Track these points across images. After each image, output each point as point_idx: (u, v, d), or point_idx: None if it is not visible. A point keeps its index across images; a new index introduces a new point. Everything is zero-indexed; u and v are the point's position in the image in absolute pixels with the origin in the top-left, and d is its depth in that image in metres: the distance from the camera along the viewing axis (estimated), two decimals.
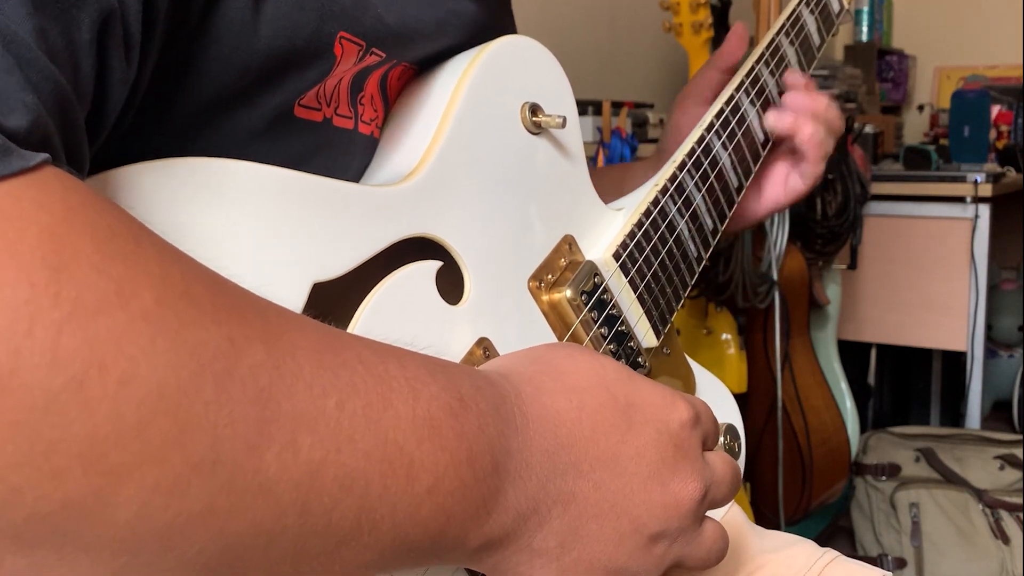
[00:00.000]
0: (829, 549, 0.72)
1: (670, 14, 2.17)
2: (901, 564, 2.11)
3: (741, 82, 0.79)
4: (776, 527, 1.64)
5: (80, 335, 0.29)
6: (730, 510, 0.72)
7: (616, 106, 2.01)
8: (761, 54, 0.81)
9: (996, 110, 2.92)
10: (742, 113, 0.78)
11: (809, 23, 0.87)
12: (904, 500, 2.13)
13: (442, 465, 0.39)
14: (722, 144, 0.76)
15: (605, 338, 0.63)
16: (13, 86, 0.32)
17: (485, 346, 0.54)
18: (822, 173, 0.82)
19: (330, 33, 0.49)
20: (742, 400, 2.03)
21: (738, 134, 0.77)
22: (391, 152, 0.57)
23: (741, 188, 0.77)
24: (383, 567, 0.39)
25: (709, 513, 0.50)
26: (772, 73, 0.82)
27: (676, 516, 0.47)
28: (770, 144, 0.81)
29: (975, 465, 2.14)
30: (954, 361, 2.70)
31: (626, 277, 0.65)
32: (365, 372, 0.38)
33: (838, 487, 2.21)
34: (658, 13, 2.24)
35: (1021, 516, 2.03)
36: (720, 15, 2.36)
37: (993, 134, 2.80)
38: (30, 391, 0.29)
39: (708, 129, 0.75)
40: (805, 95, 0.82)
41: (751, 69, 0.80)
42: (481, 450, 0.40)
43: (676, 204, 0.70)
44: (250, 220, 0.45)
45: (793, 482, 2.09)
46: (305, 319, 0.38)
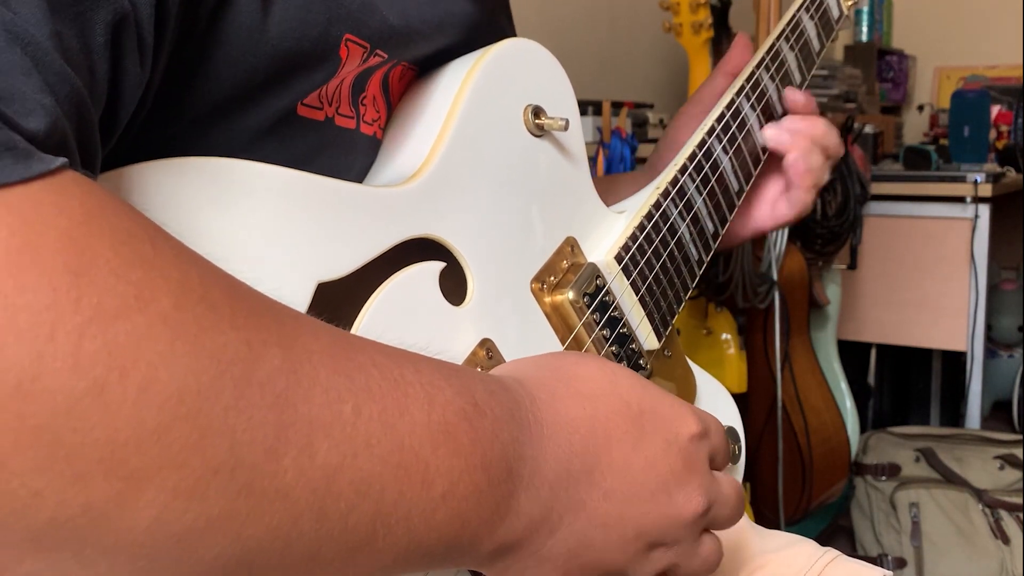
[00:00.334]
0: (830, 549, 0.72)
1: (670, 14, 2.17)
2: (901, 564, 2.11)
3: (742, 87, 0.79)
4: (776, 527, 1.64)
5: (100, 340, 0.29)
6: None
7: (616, 106, 2.01)
8: (761, 59, 0.81)
9: (996, 110, 2.92)
10: (743, 117, 0.78)
11: (809, 28, 0.87)
12: (904, 500, 2.13)
13: (457, 471, 0.38)
14: (723, 148, 0.76)
15: (607, 340, 0.63)
16: (32, 88, 0.32)
17: (488, 347, 0.54)
18: (811, 202, 0.81)
19: (336, 36, 0.50)
20: (742, 400, 2.03)
21: (739, 138, 0.77)
22: (394, 153, 0.58)
23: (741, 192, 0.77)
24: (396, 571, 0.39)
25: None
26: (772, 78, 0.82)
27: (678, 527, 0.47)
28: (767, 154, 0.81)
29: (975, 465, 2.15)
30: (954, 361, 2.70)
31: (628, 279, 0.65)
32: (380, 377, 0.37)
33: (838, 487, 2.21)
34: (658, 13, 2.24)
35: (1021, 516, 2.03)
36: (720, 15, 2.36)
37: (993, 134, 2.80)
38: (52, 396, 0.29)
39: (709, 133, 0.75)
40: (802, 120, 0.81)
41: (751, 74, 0.80)
42: (496, 456, 0.40)
43: (677, 207, 0.70)
44: (256, 220, 0.45)
45: (793, 482, 2.09)
46: (318, 323, 0.38)
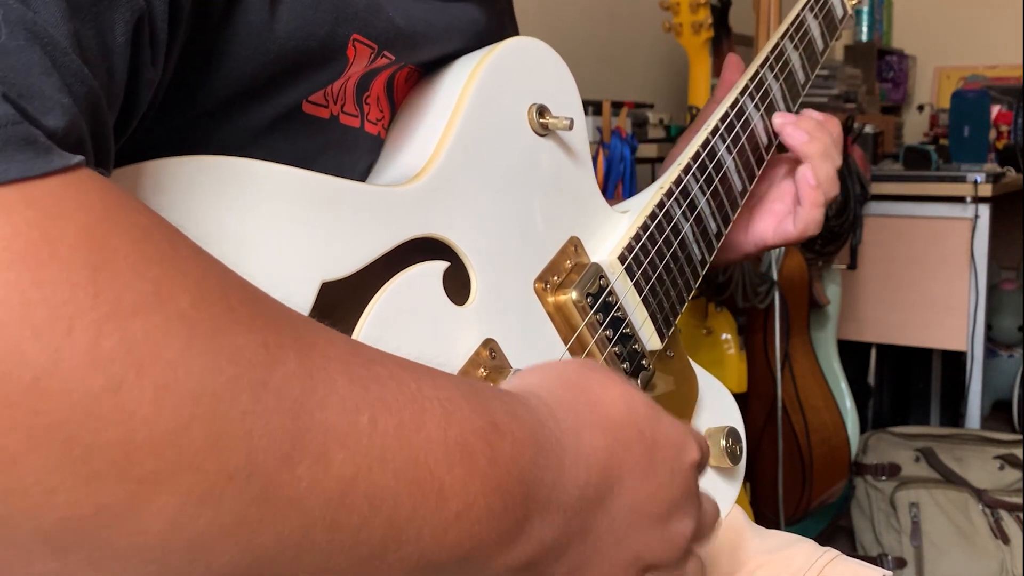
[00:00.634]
0: (830, 548, 0.72)
1: (670, 14, 2.17)
2: (901, 564, 2.11)
3: (745, 86, 0.79)
4: (776, 527, 1.64)
5: (118, 336, 0.29)
6: (731, 511, 0.72)
7: (616, 106, 2.01)
8: (765, 58, 0.81)
9: (996, 110, 2.92)
10: (746, 117, 0.78)
11: (813, 27, 0.87)
12: (904, 500, 2.14)
13: (472, 491, 0.38)
14: (726, 148, 0.75)
15: (610, 340, 0.63)
16: (51, 87, 0.32)
17: (491, 347, 0.54)
18: (819, 220, 0.78)
19: (344, 36, 0.50)
20: (742, 400, 2.03)
21: (742, 138, 0.77)
22: (398, 152, 0.58)
23: (745, 192, 0.77)
24: None
25: None
26: (776, 77, 0.82)
27: (670, 552, 0.48)
28: (773, 148, 0.81)
29: (975, 465, 2.15)
30: (954, 361, 2.70)
31: (631, 279, 0.65)
32: (397, 389, 0.37)
33: (838, 487, 2.21)
34: (658, 13, 2.25)
35: (1021, 516, 2.03)
36: (720, 15, 2.36)
37: (993, 134, 2.80)
38: (69, 393, 0.28)
39: (713, 133, 0.74)
40: (821, 119, 0.79)
41: (755, 73, 0.80)
42: (513, 479, 0.40)
43: (681, 207, 0.70)
44: (260, 218, 0.45)
45: (793, 482, 2.09)
46: (333, 332, 0.38)
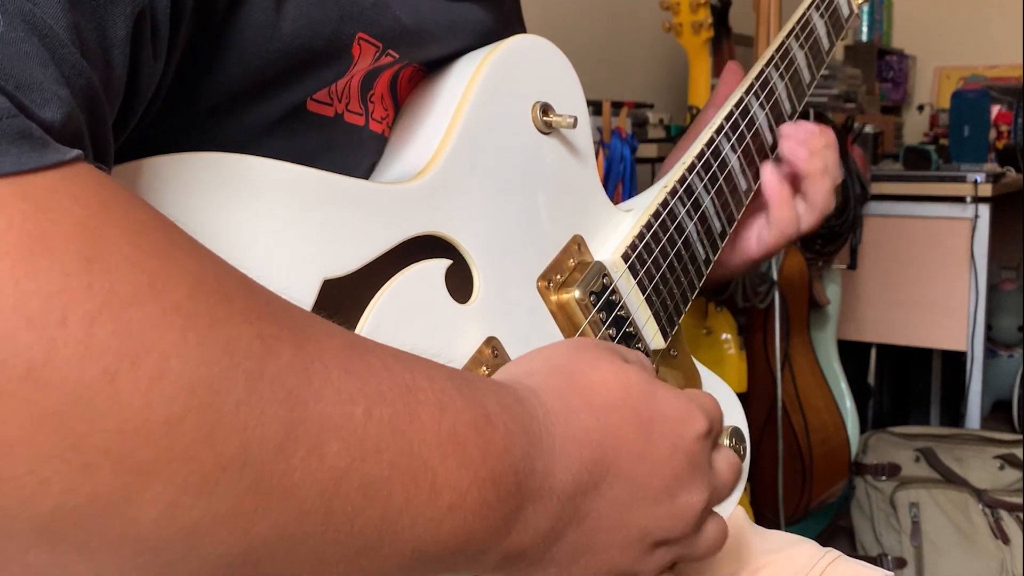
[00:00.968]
0: (831, 549, 0.72)
1: (670, 14, 2.17)
2: (901, 564, 2.11)
3: (751, 84, 0.78)
4: (776, 527, 1.64)
5: (112, 326, 0.29)
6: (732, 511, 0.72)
7: (616, 106, 2.01)
8: (771, 57, 0.80)
9: (996, 110, 2.92)
10: (751, 116, 0.77)
11: (819, 26, 0.86)
12: (904, 500, 2.13)
13: (465, 483, 0.38)
14: (731, 146, 0.75)
15: (613, 339, 0.62)
16: (48, 79, 0.32)
17: (493, 345, 0.54)
18: (791, 218, 0.77)
19: (349, 34, 0.49)
20: (742, 400, 2.02)
21: (747, 137, 0.77)
22: (402, 150, 0.57)
23: (750, 190, 0.77)
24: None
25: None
26: (782, 76, 0.81)
27: (681, 525, 0.48)
28: (775, 153, 0.80)
29: (975, 465, 2.15)
30: (954, 361, 2.70)
31: (635, 278, 0.65)
32: (391, 380, 0.37)
33: (838, 487, 2.21)
34: (658, 13, 2.24)
35: (1021, 516, 2.03)
36: (720, 15, 2.36)
37: (993, 134, 2.80)
38: (63, 383, 0.28)
39: (718, 131, 0.74)
40: (820, 133, 0.78)
41: (761, 71, 0.79)
42: (506, 470, 0.40)
43: (685, 206, 0.70)
44: (264, 215, 0.45)
45: (793, 482, 2.09)
46: (330, 324, 0.38)
